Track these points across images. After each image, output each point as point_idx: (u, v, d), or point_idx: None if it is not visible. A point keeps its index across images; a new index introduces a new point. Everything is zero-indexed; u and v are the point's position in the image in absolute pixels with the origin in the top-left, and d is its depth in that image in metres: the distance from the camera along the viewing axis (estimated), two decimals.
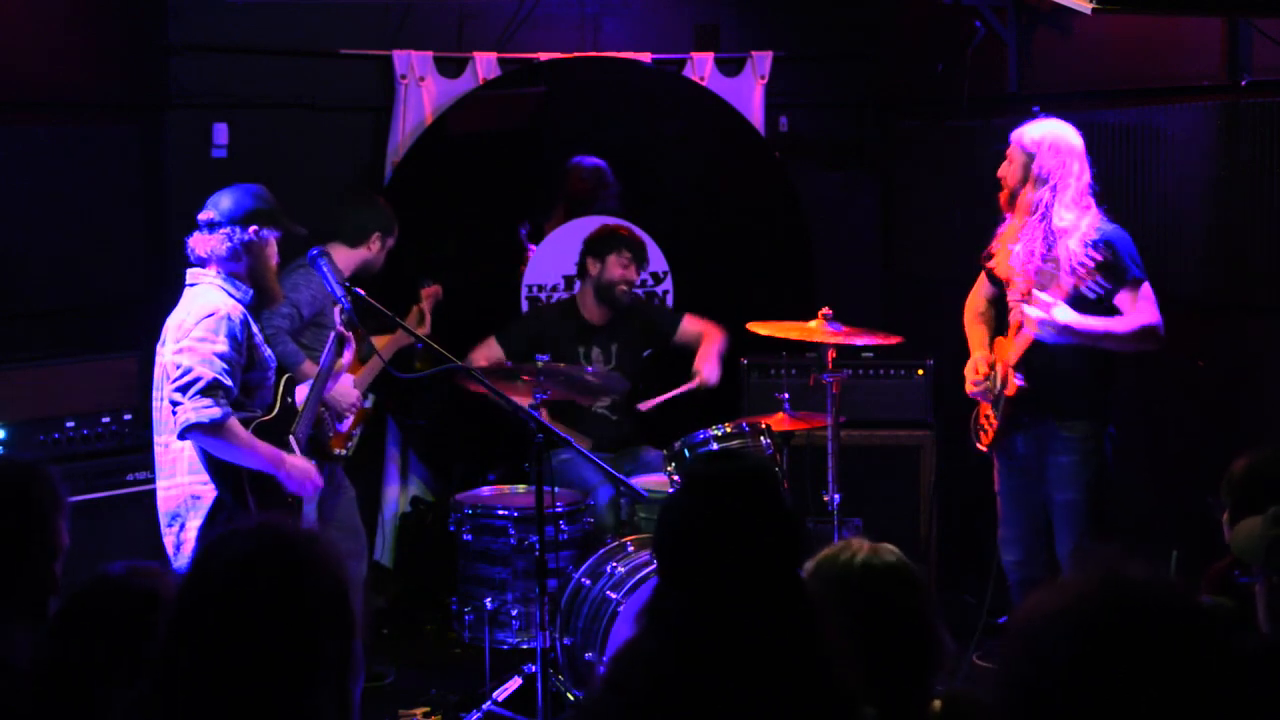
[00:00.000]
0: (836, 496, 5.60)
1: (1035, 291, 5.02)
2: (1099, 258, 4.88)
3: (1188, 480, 5.65)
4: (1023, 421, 5.21)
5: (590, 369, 6.13)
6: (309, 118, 7.08)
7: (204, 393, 4.42)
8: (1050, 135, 5.10)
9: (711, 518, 2.46)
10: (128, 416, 5.69)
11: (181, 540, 4.58)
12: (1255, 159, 5.54)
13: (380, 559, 7.05)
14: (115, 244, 6.49)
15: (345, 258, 5.87)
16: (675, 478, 5.48)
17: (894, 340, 5.62)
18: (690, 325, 6.56)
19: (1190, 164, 5.85)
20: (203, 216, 4.68)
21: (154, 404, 4.68)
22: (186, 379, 4.44)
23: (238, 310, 4.59)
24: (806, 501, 6.06)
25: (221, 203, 4.68)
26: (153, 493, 5.58)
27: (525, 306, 7.14)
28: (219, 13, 6.87)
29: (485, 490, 6.00)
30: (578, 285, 6.56)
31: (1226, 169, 5.71)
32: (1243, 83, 5.63)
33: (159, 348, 4.64)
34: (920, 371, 6.72)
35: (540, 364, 5.57)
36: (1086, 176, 5.08)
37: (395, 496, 7.15)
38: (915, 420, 6.69)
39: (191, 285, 4.67)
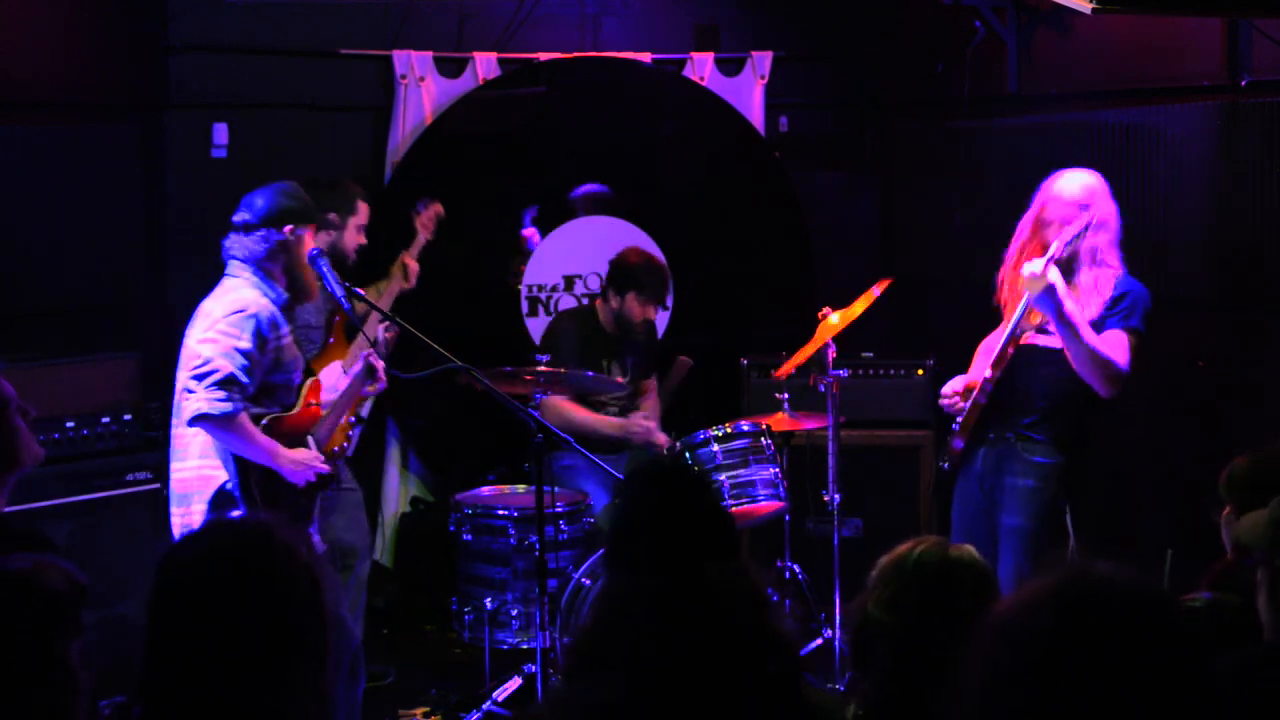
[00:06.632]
0: (836, 496, 5.61)
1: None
2: (1115, 294, 4.80)
3: (1187, 481, 5.64)
4: (987, 438, 4.96)
5: (589, 374, 6.06)
6: (309, 118, 7.08)
7: (219, 385, 4.50)
8: (1096, 184, 4.91)
9: (638, 510, 3.15)
10: (128, 416, 5.69)
11: (188, 523, 4.63)
12: (1255, 159, 5.54)
13: (380, 559, 7.04)
14: (115, 244, 6.48)
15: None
16: None
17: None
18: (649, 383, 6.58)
19: (1190, 164, 5.85)
20: (237, 218, 4.74)
21: (175, 387, 4.74)
22: (205, 369, 4.53)
23: (267, 309, 4.66)
24: (807, 501, 6.06)
25: (255, 203, 4.74)
26: (153, 493, 5.61)
27: (525, 307, 7.13)
28: (219, 13, 6.87)
29: (485, 490, 5.99)
30: (580, 290, 6.52)
31: (1226, 169, 5.71)
32: (1243, 83, 5.63)
33: (188, 330, 4.70)
34: (920, 371, 6.71)
35: (541, 364, 5.57)
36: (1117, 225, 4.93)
37: (395, 496, 7.14)
38: (915, 420, 6.68)
39: (229, 275, 4.73)
